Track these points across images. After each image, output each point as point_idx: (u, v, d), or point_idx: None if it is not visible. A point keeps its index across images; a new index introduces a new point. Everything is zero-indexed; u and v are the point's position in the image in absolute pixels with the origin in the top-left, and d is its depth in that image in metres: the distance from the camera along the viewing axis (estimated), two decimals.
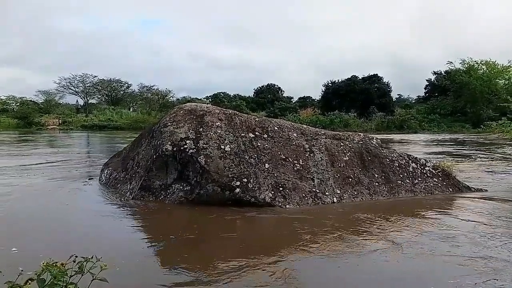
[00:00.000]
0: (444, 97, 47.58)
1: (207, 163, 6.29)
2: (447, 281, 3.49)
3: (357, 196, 6.98)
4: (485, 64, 45.75)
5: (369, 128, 38.77)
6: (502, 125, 11.11)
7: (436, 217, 5.86)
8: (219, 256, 4.11)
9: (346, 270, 3.84)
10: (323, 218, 5.78)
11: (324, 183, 6.89)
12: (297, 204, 6.40)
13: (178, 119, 6.92)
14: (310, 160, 7.07)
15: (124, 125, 44.03)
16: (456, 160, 13.01)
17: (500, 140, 15.09)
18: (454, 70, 47.41)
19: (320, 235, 4.90)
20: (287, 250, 4.35)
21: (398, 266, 3.92)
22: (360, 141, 7.82)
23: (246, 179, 6.32)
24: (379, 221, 5.61)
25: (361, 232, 5.06)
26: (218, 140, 6.54)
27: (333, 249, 4.38)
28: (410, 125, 40.14)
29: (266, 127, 7.13)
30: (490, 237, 4.85)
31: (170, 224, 5.65)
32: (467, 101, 44.83)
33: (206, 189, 6.29)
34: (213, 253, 4.22)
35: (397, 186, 7.40)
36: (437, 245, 4.56)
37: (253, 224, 5.61)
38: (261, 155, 6.69)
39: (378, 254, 4.24)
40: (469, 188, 7.87)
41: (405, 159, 7.82)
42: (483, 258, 4.09)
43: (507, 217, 5.91)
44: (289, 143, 7.11)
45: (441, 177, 7.83)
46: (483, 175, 10.13)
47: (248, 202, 6.23)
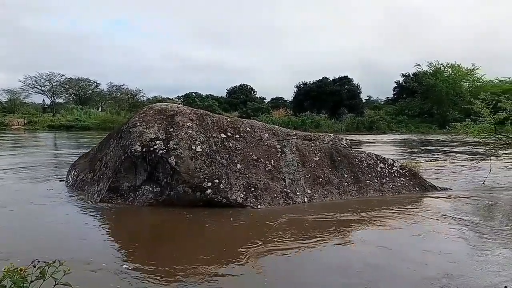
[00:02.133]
0: (412, 98, 48.94)
1: (177, 164, 6.23)
2: (403, 273, 3.65)
3: (327, 196, 7.09)
4: (451, 67, 47.42)
5: (340, 129, 39.38)
6: (466, 126, 11.49)
7: (401, 215, 6.05)
8: (187, 258, 4.08)
9: (309, 264, 3.90)
10: (293, 218, 5.83)
11: (295, 183, 6.96)
12: (269, 204, 6.43)
13: (147, 119, 6.81)
14: (281, 161, 7.12)
15: (93, 125, 42.88)
16: (423, 160, 13.43)
17: (465, 141, 15.67)
18: (421, 73, 48.84)
19: (289, 234, 4.95)
20: (256, 249, 4.37)
21: (357, 259, 4.02)
22: (330, 142, 7.94)
23: (217, 180, 6.30)
24: (346, 219, 5.73)
25: (328, 231, 5.14)
26: (189, 140, 6.49)
27: (301, 246, 4.44)
28: (379, 126, 41.05)
29: (238, 128, 7.12)
30: (450, 233, 5.05)
31: (139, 227, 5.56)
32: (434, 103, 46.29)
33: (177, 190, 6.22)
34: (181, 255, 4.18)
35: (366, 186, 7.56)
36: (399, 241, 4.72)
37: (224, 225, 5.59)
38: (233, 156, 6.69)
39: (342, 248, 4.35)
40: (435, 187, 8.13)
41: (373, 159, 8.00)
42: (443, 253, 4.26)
43: (469, 214, 6.20)
44: (261, 144, 7.13)
45: (408, 176, 8.06)
46: (449, 174, 10.50)
47: (220, 203, 6.21)
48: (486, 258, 4.17)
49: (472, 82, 47.05)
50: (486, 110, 10.73)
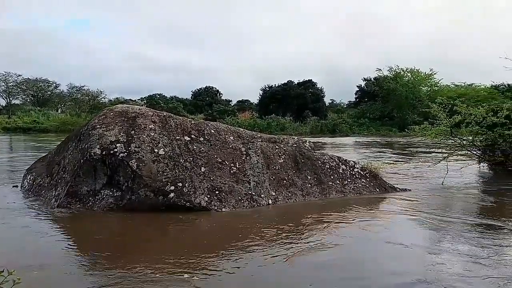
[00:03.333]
0: (373, 102, 50.32)
1: (139, 167, 6.08)
2: (362, 267, 3.73)
3: (291, 198, 7.15)
4: (410, 71, 49.17)
5: (304, 132, 39.91)
6: (424, 129, 11.96)
7: (362, 215, 6.21)
8: (148, 264, 3.97)
9: (276, 265, 3.91)
10: (256, 220, 5.84)
11: (260, 185, 6.97)
12: (233, 207, 6.40)
13: (107, 121, 6.62)
14: (246, 163, 7.11)
15: (52, 127, 41.25)
16: (383, 161, 13.82)
17: (424, 143, 16.30)
18: (382, 77, 50.34)
19: (254, 237, 4.94)
20: (221, 252, 4.33)
21: (321, 258, 4.08)
22: (294, 144, 8.02)
23: (181, 183, 6.20)
24: (310, 220, 5.81)
25: (292, 233, 5.19)
26: (151, 143, 6.36)
27: (266, 248, 4.45)
28: (341, 129, 41.92)
29: (203, 130, 7.06)
30: (407, 231, 5.23)
31: (98, 232, 5.37)
32: (394, 106, 47.81)
33: (138, 194, 6.08)
34: (142, 261, 4.07)
35: (328, 187, 7.68)
36: (360, 241, 4.83)
37: (188, 230, 5.51)
38: (197, 159, 6.61)
39: (306, 248, 4.39)
40: (394, 188, 8.39)
41: (335, 161, 8.14)
42: (399, 249, 4.41)
43: (426, 213, 6.44)
44: (225, 146, 7.10)
45: (368, 178, 8.26)
46: (408, 175, 10.86)
47: (183, 207, 6.12)
48: (439, 254, 4.34)
49: (430, 86, 48.97)
50: (443, 114, 11.22)
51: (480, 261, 4.11)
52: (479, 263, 4.06)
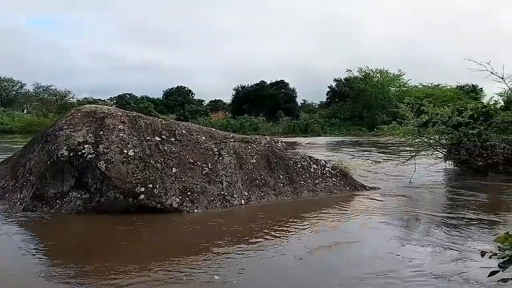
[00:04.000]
0: (343, 102, 51.08)
1: (108, 168, 5.95)
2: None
3: (264, 197, 7.16)
4: (379, 72, 50.27)
5: (277, 132, 40.06)
6: (392, 129, 12.26)
7: (332, 213, 6.31)
8: (117, 268, 3.88)
9: (251, 265, 3.91)
10: (229, 220, 5.81)
11: (232, 185, 6.95)
12: (206, 208, 6.36)
13: (75, 122, 6.44)
14: (219, 163, 7.07)
15: (17, 128, 39.76)
16: (354, 160, 14.06)
17: (392, 142, 16.72)
18: (352, 78, 51.22)
19: (227, 237, 4.92)
20: (193, 254, 4.29)
21: (294, 258, 4.11)
22: (266, 144, 8.05)
23: (151, 184, 6.10)
24: (282, 219, 5.85)
25: (265, 232, 5.20)
26: (121, 144, 6.23)
27: (239, 249, 4.44)
28: (313, 129, 42.34)
29: (174, 131, 6.97)
30: (376, 228, 5.34)
31: (66, 236, 5.22)
32: (364, 107, 48.71)
33: (107, 196, 5.94)
34: (111, 265, 3.97)
35: (300, 186, 7.75)
36: (331, 238, 4.91)
37: (159, 232, 5.42)
38: (168, 159, 6.53)
39: (279, 248, 4.42)
40: (364, 186, 8.56)
41: (307, 161, 8.23)
42: (370, 246, 4.50)
43: (393, 209, 6.65)
44: (197, 147, 7.04)
45: (339, 177, 8.39)
46: (377, 174, 11.10)
47: (154, 209, 6.02)
48: (406, 248, 4.46)
49: (398, 87, 50.23)
50: (410, 113, 11.52)
51: (444, 247, 4.27)
52: (444, 249, 4.21)
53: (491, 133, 11.36)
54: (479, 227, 5.57)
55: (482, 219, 5.99)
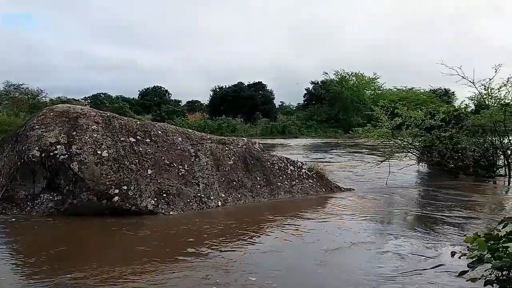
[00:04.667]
0: (320, 105, 51.68)
1: (81, 170, 5.81)
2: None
3: (241, 199, 7.15)
4: (355, 75, 51.10)
5: (255, 133, 40.14)
6: (367, 131, 12.46)
7: (308, 214, 6.36)
8: (89, 273, 3.78)
9: (227, 266, 3.89)
10: (206, 223, 5.77)
11: (209, 187, 6.91)
12: (182, 210, 6.29)
13: (47, 122, 6.26)
14: (195, 165, 7.02)
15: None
16: (329, 162, 14.23)
17: (368, 144, 17.02)
18: (329, 81, 51.90)
19: (202, 240, 4.88)
20: (168, 258, 4.23)
21: (272, 258, 4.12)
22: (244, 146, 8.04)
23: (126, 186, 6.00)
24: (259, 221, 5.85)
25: (241, 233, 5.19)
26: (94, 144, 6.09)
27: (215, 251, 4.41)
28: (291, 131, 42.66)
29: (149, 131, 6.87)
30: (350, 228, 5.42)
31: (37, 239, 5.06)
32: (340, 109, 49.40)
33: (80, 198, 5.80)
34: (82, 270, 3.87)
35: (277, 188, 7.78)
36: (307, 238, 4.94)
37: (131, 235, 5.29)
38: (143, 161, 6.43)
39: (256, 249, 4.42)
40: (339, 188, 8.66)
41: (284, 162, 8.27)
42: (345, 246, 4.55)
43: (367, 211, 6.76)
44: (173, 148, 6.96)
45: (315, 178, 8.47)
46: (352, 176, 11.26)
47: (129, 211, 5.92)
48: (380, 249, 4.54)
49: (373, 90, 51.19)
50: (385, 116, 11.75)
51: (420, 246, 4.37)
52: (420, 247, 4.31)
53: (462, 136, 11.71)
54: (451, 226, 5.72)
55: (453, 219, 6.15)
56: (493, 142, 12.01)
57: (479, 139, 12.24)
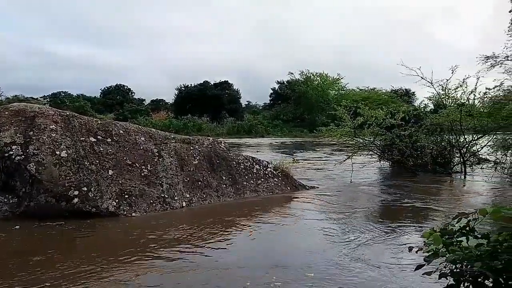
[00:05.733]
0: (286, 104, 52.25)
1: (38, 171, 5.57)
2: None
3: (206, 199, 7.09)
4: (319, 76, 52.01)
5: (221, 133, 40.00)
6: (330, 130, 12.70)
7: (273, 213, 6.42)
8: (47, 280, 3.63)
9: (190, 269, 3.85)
10: (167, 224, 5.65)
11: (173, 187, 6.81)
12: (144, 211, 6.16)
13: (2, 121, 5.97)
14: (159, 165, 6.89)
15: None
16: (295, 161, 14.38)
17: (332, 143, 17.31)
18: (294, 81, 52.57)
19: (165, 242, 4.80)
20: (129, 261, 4.13)
21: (238, 258, 4.12)
22: (209, 145, 7.98)
23: (86, 187, 5.81)
24: (225, 220, 5.82)
25: (207, 234, 5.15)
26: (53, 145, 5.86)
27: (178, 253, 4.36)
28: (257, 130, 42.86)
29: (110, 131, 6.68)
30: (312, 225, 5.51)
31: None
32: (305, 109, 50.14)
33: (38, 200, 5.56)
34: (41, 279, 3.71)
35: (243, 187, 7.78)
36: (272, 235, 4.98)
37: (91, 238, 5.12)
38: (104, 161, 6.25)
39: (221, 250, 4.39)
40: (304, 186, 8.78)
41: (249, 162, 8.28)
42: (308, 243, 4.63)
43: (330, 207, 6.92)
44: (136, 148, 6.80)
45: (280, 177, 8.54)
46: (317, 174, 11.44)
47: (89, 213, 5.74)
48: (344, 242, 4.64)
49: (337, 90, 52.24)
50: (347, 116, 12.00)
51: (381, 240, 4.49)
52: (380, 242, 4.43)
53: (421, 134, 12.17)
54: (412, 221, 5.92)
55: (414, 214, 6.37)
56: (450, 140, 12.57)
57: (437, 138, 12.77)
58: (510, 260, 1.96)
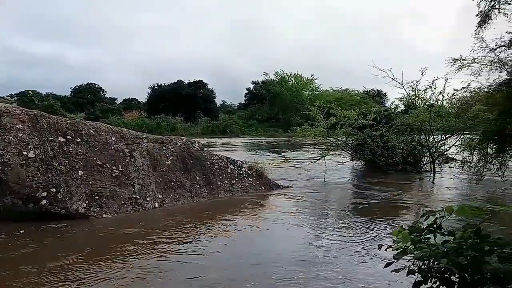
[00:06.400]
0: (261, 104, 52.41)
1: (4, 172, 5.36)
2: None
3: (179, 200, 7.02)
4: (294, 76, 52.41)
5: (196, 132, 39.70)
6: (304, 130, 12.82)
7: (248, 212, 6.40)
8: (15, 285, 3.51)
9: (163, 272, 3.79)
10: (140, 225, 5.56)
11: (145, 188, 6.70)
12: (115, 212, 6.04)
13: None
14: (130, 165, 6.77)
15: None
16: (270, 160, 14.43)
17: (306, 142, 17.48)
18: (269, 81, 52.77)
19: (135, 244, 4.71)
20: (98, 263, 4.04)
21: (210, 259, 4.09)
22: (182, 145, 7.89)
23: (54, 188, 5.64)
24: (198, 221, 5.78)
25: (178, 235, 5.09)
26: (19, 145, 5.65)
27: (148, 255, 4.29)
28: (232, 130, 42.77)
29: (80, 131, 6.50)
30: (288, 223, 5.55)
31: None
32: (280, 109, 50.44)
33: (3, 202, 5.36)
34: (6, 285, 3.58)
35: (217, 187, 7.75)
36: (246, 235, 4.97)
37: (60, 241, 4.97)
38: (74, 162, 6.08)
39: (191, 251, 4.36)
40: (278, 185, 8.82)
41: (224, 161, 8.24)
42: (284, 241, 4.66)
43: (303, 205, 7.01)
44: (107, 148, 6.65)
45: (255, 177, 8.54)
46: (291, 173, 11.50)
47: (58, 215, 5.58)
48: (319, 239, 4.69)
49: (311, 91, 52.77)
50: (320, 116, 12.15)
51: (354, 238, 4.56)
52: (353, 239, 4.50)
53: (391, 134, 12.45)
54: (381, 220, 6.04)
55: (385, 212, 6.50)
56: (420, 140, 12.91)
57: (407, 138, 13.09)
58: (474, 256, 2.03)
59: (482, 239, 2.09)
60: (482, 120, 9.10)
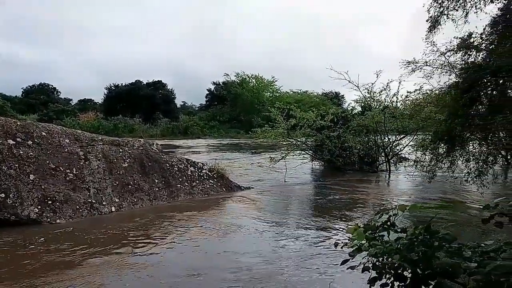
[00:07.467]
0: (222, 105, 52.24)
1: None
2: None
3: (137, 203, 6.86)
4: (255, 78, 52.64)
5: (155, 134, 38.90)
6: (265, 131, 12.91)
7: (207, 215, 6.38)
8: None
9: (121, 276, 3.69)
10: (92, 231, 5.30)
11: (101, 192, 6.49)
12: (70, 217, 5.81)
13: None
14: (85, 169, 6.53)
15: None
16: (231, 162, 14.41)
17: (267, 144, 17.57)
18: (230, 82, 52.71)
19: (88, 249, 4.55)
20: (42, 273, 3.87)
21: (171, 263, 4.02)
22: (140, 147, 7.72)
23: (4, 193, 5.35)
24: (155, 226, 5.66)
25: (137, 240, 4.97)
26: None
27: (104, 262, 4.16)
28: (193, 131, 42.31)
29: (31, 133, 6.20)
30: (248, 225, 5.56)
31: None
32: (241, 110, 50.46)
33: None
34: None
35: (177, 190, 7.63)
36: (207, 238, 4.94)
37: (8, 250, 4.70)
38: (24, 165, 5.79)
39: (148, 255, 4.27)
40: (239, 187, 8.82)
41: (184, 163, 8.14)
42: (245, 243, 4.66)
43: (264, 206, 7.07)
44: (60, 151, 6.39)
45: (216, 178, 8.50)
46: (252, 174, 11.55)
47: (8, 221, 5.29)
48: (276, 238, 4.73)
49: (272, 92, 53.22)
50: (280, 117, 12.28)
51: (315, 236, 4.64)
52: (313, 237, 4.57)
53: (348, 135, 12.79)
54: (339, 219, 6.19)
55: (343, 211, 6.67)
56: (376, 141, 13.35)
57: (364, 138, 13.50)
58: (425, 252, 2.12)
59: (432, 235, 2.18)
60: (434, 121, 9.56)
